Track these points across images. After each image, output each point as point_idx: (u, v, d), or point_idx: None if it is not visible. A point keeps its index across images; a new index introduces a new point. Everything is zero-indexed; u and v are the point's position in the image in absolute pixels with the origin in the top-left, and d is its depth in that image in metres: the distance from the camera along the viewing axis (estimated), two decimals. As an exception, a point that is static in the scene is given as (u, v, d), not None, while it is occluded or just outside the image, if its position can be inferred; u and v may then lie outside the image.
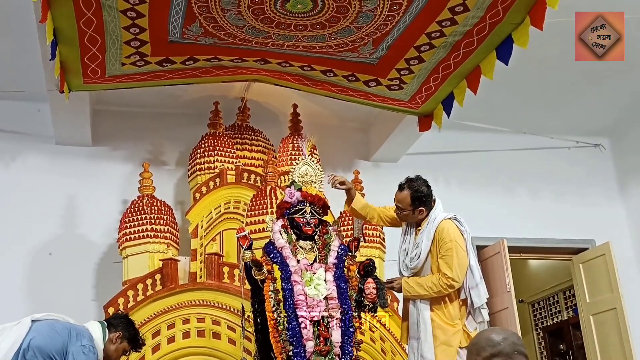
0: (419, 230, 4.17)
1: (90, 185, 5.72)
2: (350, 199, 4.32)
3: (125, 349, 3.88)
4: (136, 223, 5.09)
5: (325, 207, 4.16)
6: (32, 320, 3.66)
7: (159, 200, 5.26)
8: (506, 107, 6.34)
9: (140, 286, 4.84)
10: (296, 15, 3.94)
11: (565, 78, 6.06)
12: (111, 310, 4.74)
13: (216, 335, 4.69)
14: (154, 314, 4.70)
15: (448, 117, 5.05)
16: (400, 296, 4.61)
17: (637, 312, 6.11)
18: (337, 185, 4.26)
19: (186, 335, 4.70)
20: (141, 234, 5.05)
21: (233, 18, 3.97)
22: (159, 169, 5.78)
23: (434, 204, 4.20)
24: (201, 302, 4.74)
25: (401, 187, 4.17)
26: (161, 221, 5.12)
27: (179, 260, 4.99)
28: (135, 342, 3.91)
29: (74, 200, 5.65)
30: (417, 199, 4.08)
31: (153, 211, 5.14)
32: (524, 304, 9.00)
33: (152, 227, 5.07)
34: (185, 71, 4.73)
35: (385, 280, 4.24)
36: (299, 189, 4.08)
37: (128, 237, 5.07)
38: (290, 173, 4.27)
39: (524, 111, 6.49)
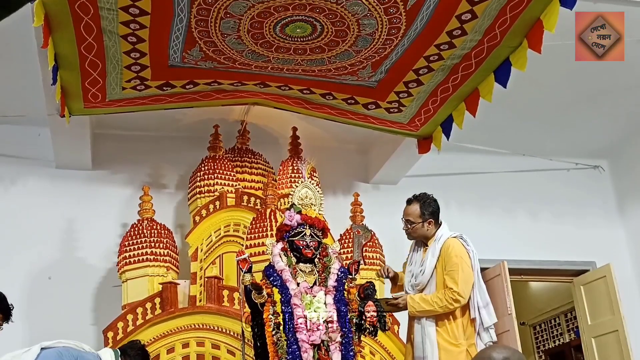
0: (426, 250, 4.22)
1: (90, 208, 5.72)
2: (395, 284, 4.47)
3: None
4: (136, 246, 5.07)
5: (325, 230, 4.16)
6: (41, 348, 3.63)
7: (159, 224, 5.25)
8: (505, 129, 6.36)
9: (139, 310, 4.82)
10: (295, 39, 3.97)
11: (563, 100, 6.09)
12: (110, 335, 4.72)
13: (216, 359, 4.66)
14: (154, 338, 4.68)
15: (447, 139, 5.07)
16: (401, 319, 4.60)
17: (639, 334, 6.07)
18: (388, 274, 4.42)
19: (186, 359, 4.67)
20: (141, 258, 5.04)
21: (233, 42, 4.00)
22: (159, 192, 5.78)
23: (440, 225, 4.26)
24: (201, 326, 4.72)
25: (409, 201, 4.27)
26: (161, 244, 5.11)
27: (179, 284, 4.97)
28: None
29: (74, 223, 5.65)
30: (426, 210, 4.16)
31: (153, 234, 5.13)
32: (525, 326, 8.95)
33: (152, 251, 5.06)
34: (185, 95, 4.76)
35: (390, 297, 4.25)
36: (299, 212, 4.08)
37: (127, 260, 5.06)
38: (290, 196, 4.27)
39: (522, 133, 6.51)
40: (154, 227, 5.19)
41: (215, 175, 5.42)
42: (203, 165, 5.51)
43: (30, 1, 0.93)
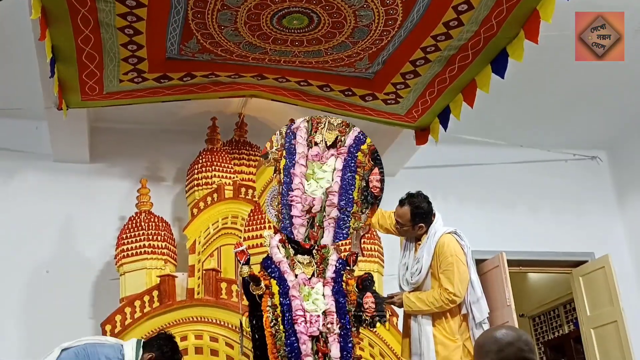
0: (419, 245, 4.18)
1: (88, 202, 5.71)
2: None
3: None
4: (133, 239, 5.07)
5: (323, 222, 4.15)
6: (61, 349, 3.62)
7: (157, 217, 5.25)
8: (503, 121, 6.36)
9: (137, 303, 4.82)
10: (292, 31, 3.97)
11: (561, 91, 6.09)
12: (108, 328, 4.72)
13: (214, 352, 4.67)
14: (152, 331, 4.68)
15: (445, 130, 5.06)
16: (400, 311, 4.60)
17: (637, 325, 6.09)
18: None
19: (184, 352, 4.66)
20: (138, 251, 5.04)
21: (230, 34, 3.99)
22: (157, 185, 5.77)
23: (434, 218, 4.21)
24: (199, 319, 4.72)
25: (402, 203, 4.19)
26: (159, 237, 5.11)
27: (177, 277, 4.97)
28: None
29: (72, 217, 5.64)
30: (417, 215, 4.10)
31: (150, 227, 5.13)
32: (524, 318, 8.97)
33: (150, 244, 5.06)
34: (182, 87, 4.75)
35: (386, 296, 4.24)
36: (297, 204, 4.08)
37: (125, 253, 5.06)
38: (288, 188, 4.27)
39: (520, 125, 6.51)
40: (152, 220, 5.19)
41: (213, 167, 5.41)
42: (201, 157, 5.51)
43: None
